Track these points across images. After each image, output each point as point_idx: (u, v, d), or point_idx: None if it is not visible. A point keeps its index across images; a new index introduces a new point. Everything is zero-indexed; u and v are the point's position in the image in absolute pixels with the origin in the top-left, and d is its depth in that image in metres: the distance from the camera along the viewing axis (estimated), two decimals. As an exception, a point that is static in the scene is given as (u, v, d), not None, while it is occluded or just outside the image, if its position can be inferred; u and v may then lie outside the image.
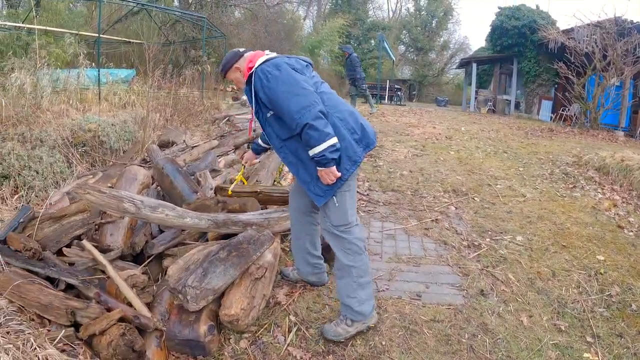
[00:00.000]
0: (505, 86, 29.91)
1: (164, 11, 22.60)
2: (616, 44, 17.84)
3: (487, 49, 31.42)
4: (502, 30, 25.77)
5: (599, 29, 18.33)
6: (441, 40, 48.63)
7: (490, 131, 14.82)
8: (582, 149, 11.67)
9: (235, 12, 35.44)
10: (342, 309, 3.37)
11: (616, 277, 4.54)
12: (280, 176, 6.50)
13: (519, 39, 25.38)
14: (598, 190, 7.73)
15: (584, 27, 19.04)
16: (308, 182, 3.23)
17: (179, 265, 3.34)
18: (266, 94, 3.07)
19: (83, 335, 2.85)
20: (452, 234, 5.44)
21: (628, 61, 17.84)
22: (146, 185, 5.06)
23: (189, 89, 13.75)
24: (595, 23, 18.66)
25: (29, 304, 3.03)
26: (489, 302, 3.97)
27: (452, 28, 50.81)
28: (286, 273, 3.99)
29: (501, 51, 27.27)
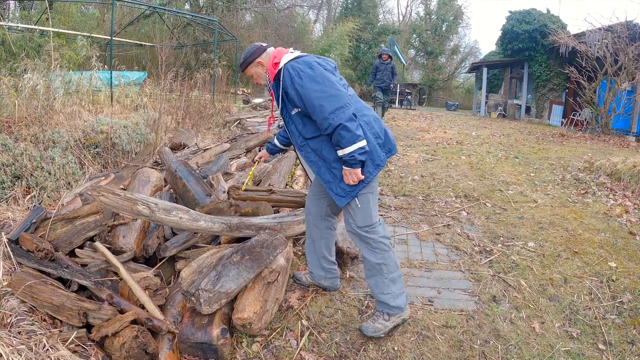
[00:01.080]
0: (516, 91, 29.86)
1: (176, 14, 22.69)
2: (628, 49, 17.76)
3: (498, 53, 31.44)
4: (513, 34, 25.72)
5: (610, 33, 18.25)
6: (451, 44, 48.60)
7: (501, 136, 14.80)
8: (593, 154, 11.59)
9: (246, 16, 35.56)
10: (379, 306, 3.42)
11: (628, 284, 4.49)
12: (292, 180, 6.49)
13: (530, 43, 25.33)
14: (610, 196, 7.67)
15: (595, 32, 18.99)
16: (330, 182, 3.22)
17: (192, 268, 3.34)
18: (298, 91, 3.05)
19: (95, 336, 2.85)
20: (464, 239, 5.42)
21: (639, 65, 17.77)
22: (159, 187, 5.09)
23: (200, 91, 13.81)
24: (607, 27, 18.58)
25: (41, 304, 3.04)
26: (501, 308, 3.95)
27: (463, 32, 51.12)
28: (298, 277, 3.95)
29: (512, 55, 27.23)
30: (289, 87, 3.10)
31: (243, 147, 8.14)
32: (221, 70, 17.03)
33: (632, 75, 17.92)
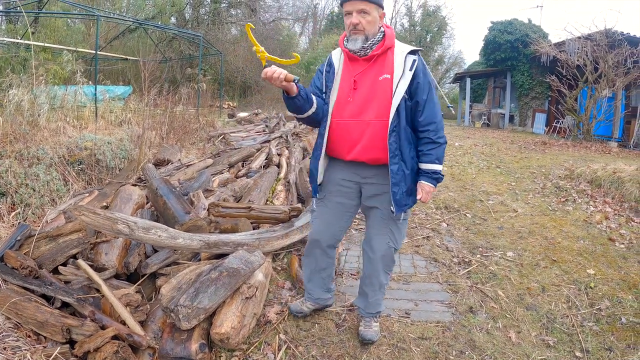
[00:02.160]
0: (500, 100, 30.16)
1: (161, 29, 22.76)
2: (607, 56, 18.10)
3: (481, 63, 31.77)
4: (495, 44, 26.10)
5: (590, 42, 18.56)
6: (436, 55, 49.20)
7: (484, 145, 14.97)
8: (574, 161, 11.78)
9: (232, 29, 35.71)
10: (373, 314, 3.56)
11: (606, 291, 4.56)
12: (273, 195, 6.54)
13: (512, 53, 25.75)
14: (590, 203, 7.80)
15: (575, 40, 19.33)
16: (398, 185, 3.07)
17: (171, 284, 3.41)
18: (429, 82, 3.04)
19: (78, 352, 2.91)
20: (442, 251, 5.50)
21: (619, 72, 18.12)
22: (141, 205, 5.16)
23: (185, 106, 13.86)
24: (586, 36, 18.92)
25: (25, 320, 3.10)
26: (477, 318, 4.00)
27: (447, 43, 51.55)
28: (297, 309, 3.76)
29: (494, 65, 27.60)
30: (421, 73, 3.01)
31: (226, 163, 8.23)
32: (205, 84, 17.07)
33: (612, 82, 18.25)
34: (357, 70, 3.06)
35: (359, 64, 3.07)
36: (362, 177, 3.22)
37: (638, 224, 6.77)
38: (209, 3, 34.29)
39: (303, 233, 4.81)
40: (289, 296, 4.12)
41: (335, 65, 3.17)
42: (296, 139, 12.45)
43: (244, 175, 7.61)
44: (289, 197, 6.50)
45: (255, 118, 18.67)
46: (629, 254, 5.57)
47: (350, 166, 3.20)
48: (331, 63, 3.20)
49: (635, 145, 19.26)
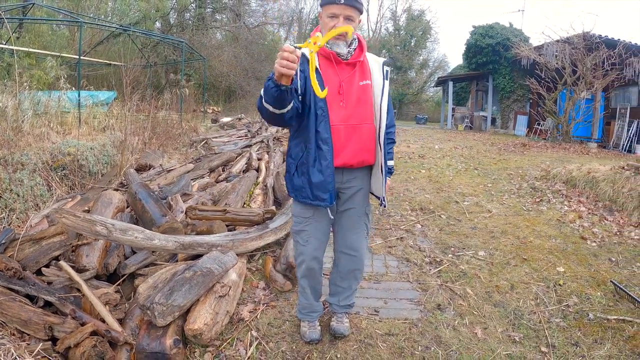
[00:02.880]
0: (482, 103, 30.45)
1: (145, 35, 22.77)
2: (585, 59, 18.43)
3: (464, 67, 32.19)
4: (477, 48, 26.44)
5: (568, 45, 18.88)
6: (420, 59, 49.39)
7: (464, 148, 15.10)
8: (551, 162, 11.94)
9: (217, 34, 35.73)
10: (343, 309, 3.71)
11: (575, 288, 4.65)
12: (250, 199, 6.64)
13: (493, 57, 26.11)
14: (564, 203, 7.95)
15: (553, 44, 19.62)
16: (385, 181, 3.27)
17: (148, 283, 3.56)
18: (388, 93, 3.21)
19: (59, 348, 3.02)
20: (415, 251, 5.59)
21: (598, 74, 18.43)
22: (121, 209, 5.29)
23: (168, 112, 13.91)
24: (564, 39, 19.21)
25: (10, 319, 3.20)
26: (445, 315, 4.08)
27: (431, 47, 51.83)
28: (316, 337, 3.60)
29: (476, 69, 27.95)
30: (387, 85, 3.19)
31: (206, 168, 8.34)
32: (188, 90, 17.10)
33: (591, 84, 18.60)
34: (343, 74, 3.07)
35: (343, 68, 3.09)
36: (343, 182, 3.24)
37: (611, 222, 6.91)
38: (193, 8, 34.31)
39: (277, 235, 4.94)
40: (263, 295, 4.20)
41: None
42: (277, 143, 12.54)
43: (224, 180, 7.70)
44: (266, 200, 6.61)
45: (238, 123, 18.78)
46: (600, 252, 5.70)
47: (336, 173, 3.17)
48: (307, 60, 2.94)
49: (615, 145, 19.60)
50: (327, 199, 3.09)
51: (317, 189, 3.08)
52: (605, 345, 3.67)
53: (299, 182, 3.17)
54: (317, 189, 3.08)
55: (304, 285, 3.58)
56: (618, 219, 7.10)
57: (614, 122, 20.62)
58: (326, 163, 3.02)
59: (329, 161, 3.03)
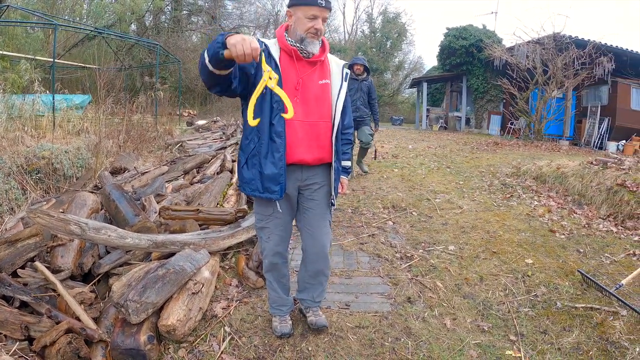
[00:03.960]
0: (457, 103, 30.80)
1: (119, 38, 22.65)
2: (556, 59, 18.78)
3: (438, 69, 32.48)
4: (451, 49, 26.73)
5: (539, 46, 19.21)
6: (396, 61, 49.64)
7: (437, 148, 15.24)
8: (522, 160, 12.11)
9: (193, 37, 35.61)
10: (316, 304, 3.78)
11: (543, 278, 4.77)
12: (224, 199, 6.68)
13: (467, 58, 26.44)
14: (534, 198, 8.11)
15: (525, 45, 19.96)
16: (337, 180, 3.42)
17: (122, 282, 3.62)
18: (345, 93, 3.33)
19: (36, 347, 3.06)
20: (386, 247, 5.68)
21: (568, 74, 18.80)
22: (95, 210, 5.33)
23: (143, 115, 13.87)
24: (535, 40, 19.55)
25: (-14, 320, 3.23)
26: (414, 308, 4.16)
27: (407, 49, 51.95)
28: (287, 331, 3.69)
29: (450, 70, 28.29)
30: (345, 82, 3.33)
31: (181, 170, 8.39)
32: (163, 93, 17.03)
33: (561, 84, 18.99)
34: (303, 71, 3.12)
35: (303, 66, 3.14)
36: (303, 180, 3.29)
37: (580, 215, 7.08)
38: (169, 10, 34.18)
39: (249, 233, 5.01)
40: (236, 292, 4.27)
41: (275, 59, 3.07)
42: (251, 145, 12.51)
43: (199, 181, 7.74)
44: (239, 200, 6.63)
45: (214, 125, 18.75)
46: (569, 244, 5.84)
47: (291, 170, 3.21)
48: (270, 54, 3.06)
49: (587, 143, 20.04)
50: (277, 191, 3.12)
51: (268, 181, 3.11)
52: (573, 332, 3.78)
53: (249, 174, 3.20)
54: (268, 181, 3.11)
55: (271, 279, 3.66)
56: (587, 212, 7.27)
57: (585, 120, 21.06)
58: (279, 155, 3.06)
59: (282, 154, 3.06)
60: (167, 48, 24.50)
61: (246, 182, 3.22)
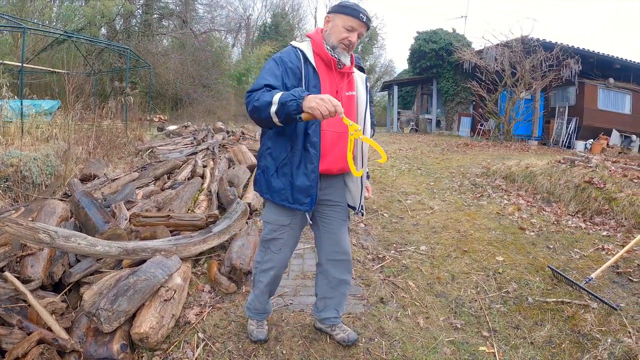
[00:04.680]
0: (428, 106, 31.22)
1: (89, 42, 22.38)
2: (524, 61, 19.21)
3: (409, 72, 32.82)
4: (421, 53, 27.10)
5: (507, 49, 19.56)
6: (367, 65, 49.90)
7: (408, 150, 15.38)
8: (492, 160, 12.32)
9: (163, 41, 35.34)
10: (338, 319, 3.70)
11: (514, 275, 4.89)
12: (195, 205, 6.68)
13: (437, 61, 26.87)
14: (504, 197, 8.26)
15: (493, 48, 20.30)
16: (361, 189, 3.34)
17: (93, 290, 3.59)
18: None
19: (8, 359, 3.00)
20: (358, 249, 5.73)
21: (536, 76, 19.29)
22: (65, 218, 5.27)
23: (113, 120, 13.76)
24: (504, 43, 19.90)
25: (-45, 333, 3.17)
26: (388, 308, 4.23)
27: (378, 52, 52.46)
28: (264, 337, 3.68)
29: (421, 73, 28.70)
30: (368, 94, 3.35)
31: (151, 176, 8.32)
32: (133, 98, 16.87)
33: (529, 85, 19.44)
34: (339, 81, 3.10)
35: (338, 76, 3.11)
36: (321, 188, 3.21)
37: (549, 212, 7.25)
38: (140, 14, 33.89)
39: (221, 238, 5.01)
40: (209, 298, 4.26)
41: (313, 64, 3.05)
42: (222, 150, 12.57)
43: (169, 187, 7.70)
44: (211, 205, 6.64)
45: (185, 131, 18.71)
46: (539, 240, 5.99)
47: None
48: (307, 60, 3.05)
49: (555, 142, 20.49)
50: (308, 203, 3.06)
51: (299, 192, 3.04)
52: (545, 327, 3.90)
53: (279, 183, 3.10)
54: (299, 192, 3.04)
55: (265, 290, 3.57)
56: (556, 209, 7.45)
57: (553, 120, 21.56)
58: (312, 167, 2.99)
59: (315, 165, 3.00)
60: (137, 52, 24.27)
61: (275, 191, 3.13)
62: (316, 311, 3.73)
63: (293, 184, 3.04)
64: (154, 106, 26.34)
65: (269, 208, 3.31)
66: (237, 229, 5.32)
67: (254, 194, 6.85)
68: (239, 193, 7.37)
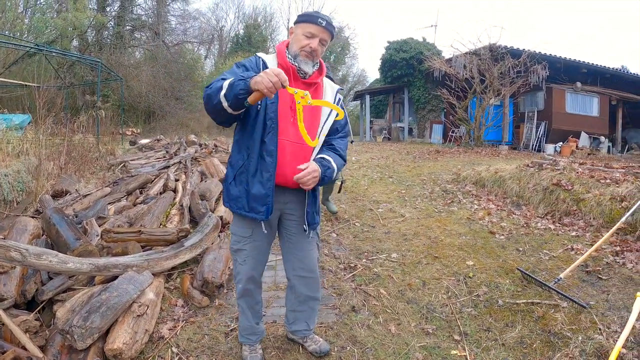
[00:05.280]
0: (400, 114, 31.45)
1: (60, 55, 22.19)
2: (492, 69, 19.54)
3: (380, 81, 33.00)
4: (392, 62, 27.37)
5: (476, 57, 19.88)
6: (340, 74, 50.12)
7: (380, 158, 15.42)
8: (463, 166, 12.43)
9: (136, 53, 35.19)
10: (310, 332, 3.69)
11: (484, 279, 4.97)
12: (167, 219, 6.65)
13: (408, 70, 27.19)
14: (474, 202, 8.37)
15: (462, 56, 20.63)
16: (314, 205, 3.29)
17: (66, 308, 3.61)
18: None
19: None
20: (330, 259, 5.76)
21: (505, 82, 19.68)
22: (36, 235, 5.25)
23: (85, 134, 13.65)
24: (473, 51, 20.23)
25: None
26: (359, 316, 4.26)
27: (350, 62, 52.81)
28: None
29: (392, 82, 28.98)
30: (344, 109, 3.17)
31: (123, 191, 8.28)
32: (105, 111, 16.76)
33: (498, 92, 19.78)
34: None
35: (299, 86, 2.97)
36: (285, 202, 3.20)
37: (519, 216, 7.38)
38: (112, 26, 33.73)
39: (193, 252, 5.03)
40: (182, 312, 4.25)
41: None
42: (195, 163, 12.48)
43: (142, 202, 7.65)
44: (183, 220, 6.65)
45: (157, 144, 18.59)
46: (508, 244, 6.10)
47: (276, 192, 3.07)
48: (267, 67, 2.95)
49: (525, 146, 20.92)
50: (263, 211, 3.00)
51: (254, 201, 3.00)
52: (516, 328, 3.98)
53: (236, 191, 3.08)
54: (254, 201, 3.00)
55: (243, 306, 3.51)
56: (525, 212, 7.59)
57: (523, 124, 22.03)
58: (268, 175, 2.95)
59: (271, 174, 2.95)
60: (109, 65, 24.18)
61: (233, 199, 3.11)
62: (287, 323, 3.74)
63: (249, 192, 3.01)
64: (126, 119, 26.19)
65: (233, 219, 3.31)
66: (208, 243, 5.34)
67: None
68: (211, 206, 7.36)
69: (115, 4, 34.55)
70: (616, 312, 4.15)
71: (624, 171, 7.91)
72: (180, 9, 40.10)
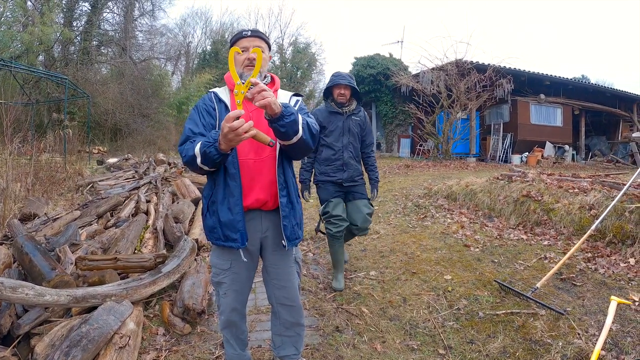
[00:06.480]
0: (368, 130, 31.61)
1: (26, 71, 21.78)
2: (459, 83, 19.95)
3: (348, 97, 33.18)
4: (359, 78, 27.65)
5: (443, 72, 20.23)
6: (307, 90, 50.29)
7: (351, 174, 15.44)
8: (433, 180, 12.69)
9: (102, 69, 34.85)
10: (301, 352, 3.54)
11: (463, 292, 5.03)
12: (141, 244, 6.53)
13: (375, 86, 27.45)
14: (447, 216, 8.47)
15: (429, 71, 21.00)
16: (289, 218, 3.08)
17: (45, 342, 3.48)
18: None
19: None
20: (309, 279, 5.75)
21: (471, 96, 20.17)
22: (7, 264, 5.10)
23: (52, 154, 13.41)
24: (439, 67, 20.57)
25: None
26: (344, 336, 4.26)
27: (317, 78, 52.92)
28: None
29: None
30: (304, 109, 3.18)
31: (94, 214, 8.11)
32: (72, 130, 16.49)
33: (465, 106, 20.22)
34: (251, 107, 2.83)
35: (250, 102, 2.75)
36: (263, 231, 3.13)
37: (491, 228, 7.49)
38: (78, 41, 33.33)
39: (171, 278, 4.92)
40: (164, 342, 4.16)
41: (225, 102, 2.98)
42: (165, 183, 12.26)
43: (113, 225, 7.52)
44: (157, 244, 6.54)
45: (125, 164, 18.31)
46: (483, 256, 6.19)
47: (250, 217, 3.04)
48: (220, 100, 3.01)
49: (492, 158, 21.39)
50: (237, 239, 2.92)
51: (226, 228, 2.92)
52: (498, 338, 4.05)
53: (210, 222, 3.02)
54: (226, 228, 2.92)
55: (228, 336, 3.41)
56: (497, 224, 7.72)
57: (489, 137, 22.53)
58: (234, 200, 2.89)
59: (237, 198, 2.88)
60: (75, 81, 23.85)
61: (209, 230, 3.04)
62: (274, 347, 3.59)
63: (220, 221, 2.94)
64: (92, 137, 25.80)
65: (212, 250, 3.25)
66: (186, 267, 5.25)
67: (201, 228, 6.80)
68: (185, 229, 7.26)
69: (82, 19, 34.19)
70: (592, 316, 4.30)
71: (591, 180, 8.12)
72: (147, 25, 39.98)
